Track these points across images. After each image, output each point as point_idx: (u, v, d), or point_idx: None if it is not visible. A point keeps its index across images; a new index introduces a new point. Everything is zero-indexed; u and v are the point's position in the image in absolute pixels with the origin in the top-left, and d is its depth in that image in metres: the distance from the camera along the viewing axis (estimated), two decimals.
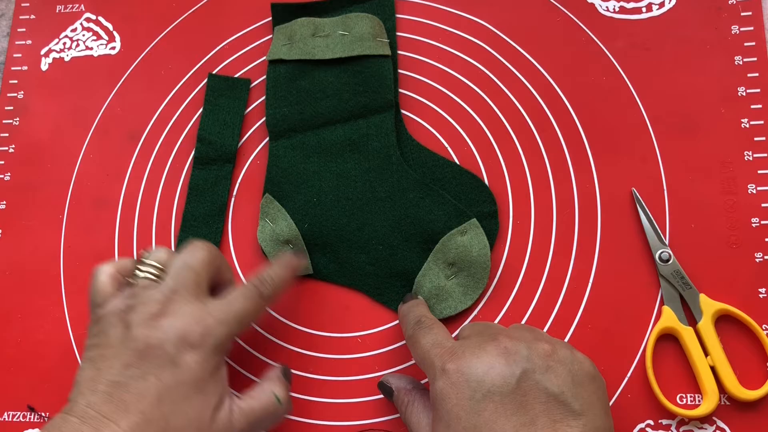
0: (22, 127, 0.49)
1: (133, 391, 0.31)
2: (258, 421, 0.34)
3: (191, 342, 0.33)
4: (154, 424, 0.31)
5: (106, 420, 0.30)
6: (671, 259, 0.39)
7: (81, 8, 0.51)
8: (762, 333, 0.37)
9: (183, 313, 0.33)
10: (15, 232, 0.46)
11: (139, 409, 0.31)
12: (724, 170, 0.41)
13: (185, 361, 0.32)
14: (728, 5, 0.43)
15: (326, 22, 0.45)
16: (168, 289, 0.34)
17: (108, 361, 0.32)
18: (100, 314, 0.34)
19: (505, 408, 0.29)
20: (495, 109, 0.44)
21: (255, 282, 0.36)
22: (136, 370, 0.32)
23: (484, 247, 0.40)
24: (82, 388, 0.32)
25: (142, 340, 0.32)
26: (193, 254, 0.35)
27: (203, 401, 0.32)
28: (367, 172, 0.43)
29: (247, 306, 0.35)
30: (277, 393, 0.35)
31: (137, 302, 0.34)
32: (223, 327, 0.34)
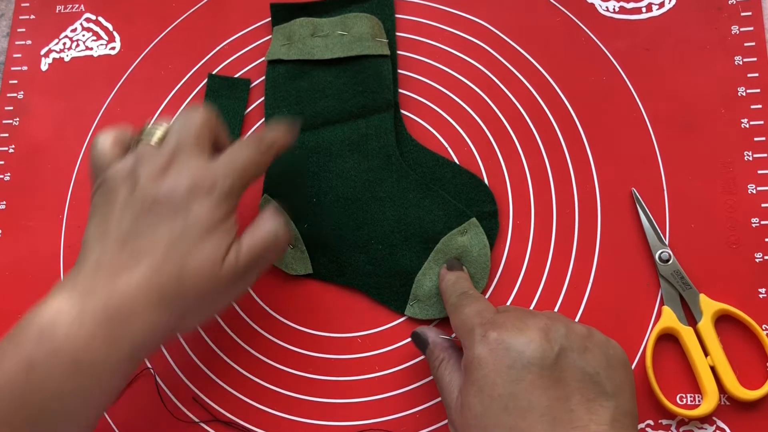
0: (22, 127, 0.49)
1: (145, 239, 0.32)
2: (260, 257, 0.35)
3: (200, 191, 0.33)
4: (168, 268, 0.32)
5: (121, 269, 0.31)
6: (671, 259, 0.39)
7: (81, 8, 0.51)
8: (762, 333, 0.37)
9: (189, 166, 0.34)
10: (15, 232, 0.46)
11: (153, 255, 0.32)
12: (724, 170, 0.41)
13: (195, 208, 0.33)
14: (728, 5, 0.43)
15: (325, 22, 0.45)
16: (172, 147, 0.34)
17: (116, 217, 0.33)
18: (105, 176, 0.34)
19: (543, 381, 0.29)
20: (495, 109, 0.44)
21: (253, 138, 0.37)
22: (146, 221, 0.32)
23: (484, 247, 0.40)
24: (91, 244, 0.33)
25: (151, 194, 0.33)
26: (191, 114, 0.36)
27: (214, 245, 0.33)
28: (366, 172, 0.43)
29: (250, 156, 0.36)
30: (274, 224, 0.36)
31: (143, 160, 0.34)
32: (229, 176, 0.34)
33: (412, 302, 0.41)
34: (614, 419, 0.29)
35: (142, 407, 0.41)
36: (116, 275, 0.31)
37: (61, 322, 0.30)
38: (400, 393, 0.40)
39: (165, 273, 0.32)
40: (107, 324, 0.30)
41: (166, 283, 0.32)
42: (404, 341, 0.41)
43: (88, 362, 0.30)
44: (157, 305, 0.32)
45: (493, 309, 0.34)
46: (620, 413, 0.29)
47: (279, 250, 0.37)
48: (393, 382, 0.40)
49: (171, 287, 0.32)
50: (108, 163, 0.35)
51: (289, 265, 0.42)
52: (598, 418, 0.29)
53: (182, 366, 0.42)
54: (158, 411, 0.41)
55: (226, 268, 0.33)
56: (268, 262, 0.37)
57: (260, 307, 0.42)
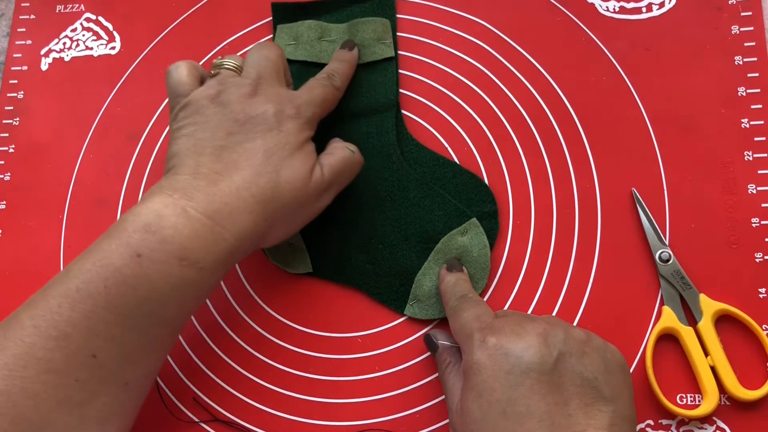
0: (22, 127, 0.49)
1: (242, 151, 0.35)
2: (341, 173, 0.39)
3: (289, 114, 0.36)
4: (265, 176, 0.34)
5: (219, 175, 0.34)
6: (671, 259, 0.39)
7: (81, 8, 0.51)
8: (762, 333, 0.37)
9: (274, 93, 0.37)
10: (15, 232, 0.46)
11: (250, 164, 0.34)
12: (724, 170, 0.41)
13: (286, 126, 0.36)
14: (728, 5, 0.43)
15: (333, 27, 0.46)
16: (254, 75, 0.37)
17: (209, 131, 0.35)
18: (189, 100, 0.37)
19: (541, 386, 0.29)
20: (495, 109, 0.44)
21: (323, 75, 0.41)
22: (240, 136, 0.35)
23: (484, 247, 0.40)
24: (185, 154, 0.35)
25: (242, 113, 0.36)
26: (266, 47, 0.39)
27: (304, 159, 0.36)
28: (367, 171, 0.43)
29: (326, 91, 0.40)
30: (348, 146, 0.40)
31: (227, 86, 0.37)
32: (311, 106, 0.38)
33: (412, 302, 0.41)
34: (612, 423, 0.29)
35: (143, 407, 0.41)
36: (216, 181, 0.34)
37: (166, 218, 0.32)
38: (400, 393, 0.40)
39: (262, 180, 0.34)
40: (209, 222, 0.33)
41: (263, 190, 0.34)
42: (404, 341, 0.41)
43: (191, 256, 0.32)
44: (254, 209, 0.34)
45: (492, 313, 0.34)
46: (618, 417, 0.30)
47: (355, 169, 0.40)
48: (393, 382, 0.40)
49: (267, 193, 0.34)
50: (188, 89, 0.37)
51: (290, 263, 0.42)
52: (596, 423, 0.29)
53: (182, 366, 0.42)
54: (158, 411, 0.41)
55: (313, 181, 0.36)
56: (345, 180, 0.40)
57: (260, 307, 0.42)
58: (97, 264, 0.31)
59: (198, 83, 0.38)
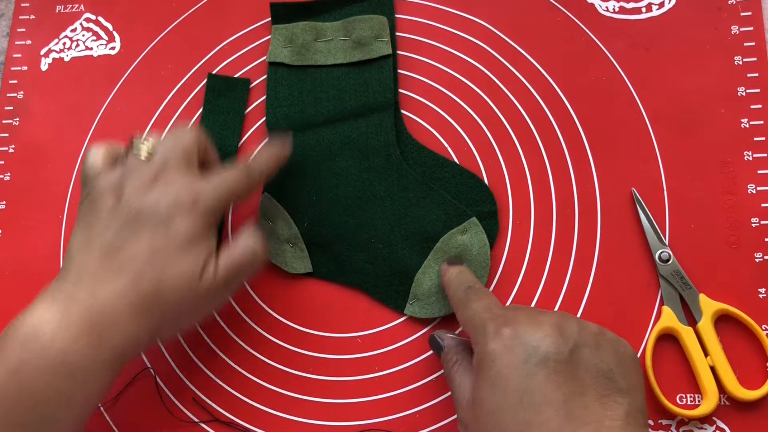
0: (22, 127, 0.49)
1: (127, 251, 0.33)
2: (237, 272, 0.36)
3: (183, 207, 0.34)
4: (147, 281, 0.33)
5: (100, 280, 0.33)
6: (671, 259, 0.39)
7: (81, 8, 0.51)
8: (762, 333, 0.37)
9: (175, 182, 0.35)
10: (15, 232, 0.46)
11: (133, 268, 0.33)
12: (724, 170, 0.41)
13: (176, 223, 0.34)
14: (728, 5, 0.43)
15: (328, 26, 0.45)
16: (159, 162, 0.35)
17: (100, 227, 0.34)
18: (92, 186, 0.36)
19: (558, 376, 0.29)
20: (495, 109, 0.44)
21: (243, 165, 0.38)
22: (129, 233, 0.33)
23: (484, 246, 0.40)
24: (74, 254, 0.34)
25: (134, 206, 0.34)
26: (180, 132, 0.37)
27: (193, 260, 0.34)
28: (366, 171, 0.43)
29: (237, 179, 0.37)
30: (251, 243, 0.37)
31: (130, 174, 0.35)
32: (214, 194, 0.35)
33: (412, 301, 0.41)
34: (628, 415, 0.29)
35: (142, 407, 0.41)
36: (98, 285, 0.32)
37: (46, 327, 0.31)
38: (400, 393, 0.40)
39: (144, 284, 0.33)
40: (90, 330, 0.32)
41: (145, 294, 0.33)
42: (404, 341, 0.41)
43: (72, 365, 0.31)
44: (137, 314, 0.33)
45: (500, 304, 0.34)
46: (634, 409, 0.29)
47: (256, 267, 0.38)
48: (393, 382, 0.40)
49: (149, 298, 0.33)
50: (96, 174, 0.36)
51: (289, 263, 0.42)
52: (612, 414, 0.29)
53: (182, 366, 0.42)
54: (158, 411, 0.41)
55: (204, 281, 0.34)
56: (245, 278, 0.38)
57: (260, 307, 0.42)
58: None
59: (112, 167, 0.37)
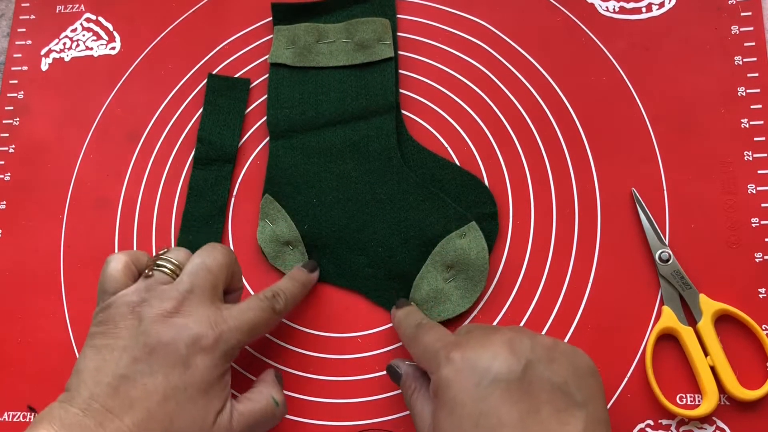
0: (22, 127, 0.49)
1: (140, 387, 0.31)
2: (256, 424, 0.34)
3: (204, 345, 0.32)
4: (158, 423, 0.31)
5: (111, 415, 0.30)
6: (671, 259, 0.39)
7: (81, 8, 0.51)
8: (762, 333, 0.37)
9: (198, 314, 0.33)
10: (15, 232, 0.46)
11: (145, 407, 0.31)
12: (724, 170, 0.41)
13: (195, 363, 0.32)
14: (728, 5, 0.43)
15: (330, 28, 0.45)
16: (184, 288, 0.33)
17: (115, 352, 0.32)
18: (111, 302, 0.33)
19: (511, 395, 0.29)
20: (495, 109, 0.44)
21: (268, 294, 0.36)
22: (145, 366, 0.31)
23: (483, 250, 0.40)
24: (85, 377, 0.31)
25: (154, 336, 0.32)
26: (212, 255, 0.35)
27: (208, 404, 0.32)
28: (367, 174, 0.43)
29: (261, 317, 0.35)
30: (275, 396, 0.36)
31: (151, 296, 0.33)
32: (236, 334, 0.33)
33: None
34: (586, 428, 0.29)
35: None
36: (105, 422, 0.30)
37: None
38: (400, 393, 0.39)
39: (153, 426, 0.31)
40: None
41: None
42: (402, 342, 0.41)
43: None
44: None
45: (451, 334, 0.34)
46: (592, 421, 0.29)
47: (273, 423, 0.36)
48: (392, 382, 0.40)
49: None
50: (116, 288, 0.34)
51: (289, 265, 0.42)
52: (570, 428, 0.29)
53: None
54: None
55: (217, 429, 0.32)
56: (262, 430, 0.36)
57: None
58: None
59: (131, 281, 0.35)
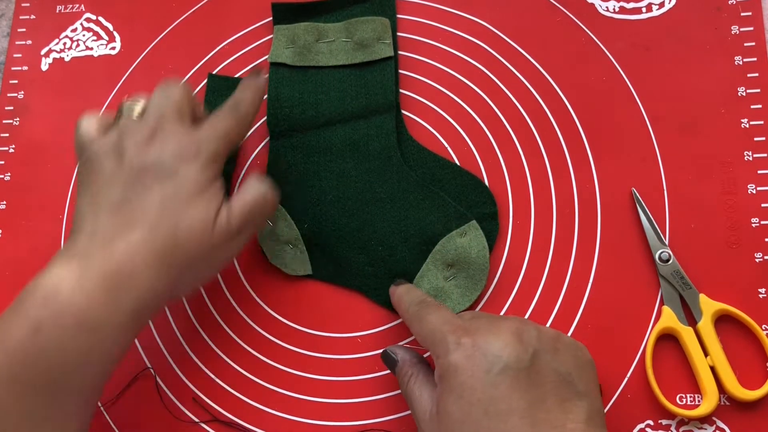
0: (22, 127, 0.49)
1: (138, 205, 0.33)
2: (251, 216, 0.36)
3: (187, 156, 0.34)
4: (162, 231, 0.33)
5: (115, 235, 0.33)
6: (671, 259, 0.39)
7: (81, 8, 0.51)
8: (762, 333, 0.37)
9: (173, 134, 0.35)
10: (15, 232, 0.46)
11: (147, 219, 0.33)
12: (724, 170, 0.41)
13: (183, 171, 0.34)
14: (728, 5, 0.43)
15: (330, 28, 0.45)
16: (154, 118, 0.35)
17: (106, 187, 0.34)
18: (90, 152, 0.35)
19: (520, 384, 0.30)
20: (495, 109, 0.44)
21: (229, 105, 0.38)
22: (137, 188, 0.33)
23: (483, 248, 0.40)
24: (83, 215, 0.34)
25: (138, 162, 0.34)
26: (170, 88, 0.37)
27: (205, 206, 0.34)
28: (367, 173, 0.43)
29: (229, 123, 0.37)
30: (259, 184, 0.37)
31: (126, 134, 0.35)
32: (213, 141, 0.35)
33: None
34: (589, 417, 0.30)
35: (142, 407, 0.41)
36: (112, 240, 0.32)
37: (63, 287, 0.31)
38: (399, 393, 0.39)
39: (160, 234, 0.33)
40: (107, 286, 0.32)
41: (162, 244, 0.33)
42: (404, 341, 0.41)
43: (91, 322, 0.31)
44: (154, 266, 0.33)
45: (456, 316, 0.34)
46: (593, 411, 0.30)
47: (267, 211, 0.38)
48: (393, 382, 0.40)
49: (166, 248, 0.33)
50: (92, 141, 0.36)
51: (289, 265, 0.42)
52: (574, 417, 0.29)
53: (182, 366, 0.42)
54: (158, 411, 0.41)
55: (218, 228, 0.34)
56: (257, 223, 0.38)
57: (260, 307, 0.42)
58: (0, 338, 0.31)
59: (103, 134, 0.37)
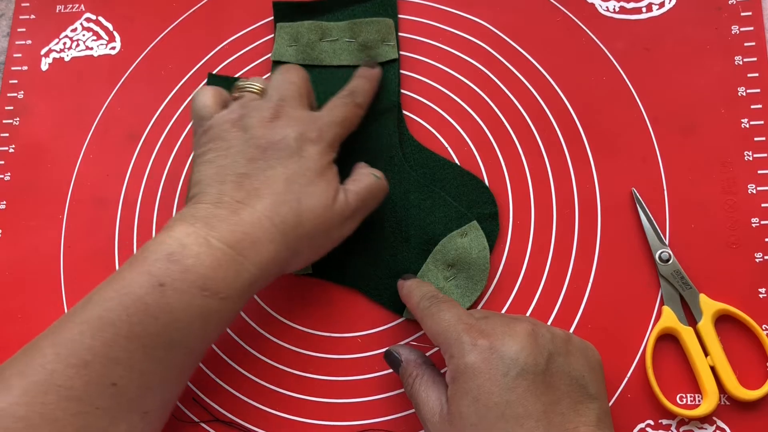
0: (22, 127, 0.49)
1: (263, 179, 0.34)
2: (366, 199, 0.38)
3: (310, 137, 0.36)
4: (287, 204, 0.34)
5: (241, 204, 0.34)
6: (671, 259, 0.39)
7: (81, 8, 0.51)
8: (762, 333, 0.37)
9: (295, 116, 0.37)
10: (15, 232, 0.46)
11: (270, 192, 0.34)
12: (724, 170, 0.41)
13: (307, 151, 0.36)
14: (728, 5, 0.43)
15: (333, 26, 0.45)
16: (277, 98, 0.37)
17: (230, 158, 0.35)
18: (211, 123, 0.37)
19: (536, 387, 0.30)
20: (495, 109, 0.44)
21: (346, 93, 0.40)
22: (261, 162, 0.35)
23: (484, 249, 0.40)
24: (208, 181, 0.35)
25: (263, 138, 0.35)
26: (290, 71, 0.39)
27: (326, 185, 0.36)
28: None
29: (348, 110, 0.39)
30: (373, 172, 0.39)
31: (249, 110, 0.37)
32: (333, 127, 0.37)
33: None
34: (599, 419, 0.30)
35: None
36: (238, 210, 0.33)
37: (189, 247, 0.32)
38: (400, 393, 0.39)
39: (284, 208, 0.34)
40: (232, 251, 0.32)
41: (285, 218, 0.34)
42: (404, 341, 0.41)
43: (214, 284, 0.32)
44: (276, 238, 0.34)
45: (470, 314, 0.34)
46: (603, 413, 0.31)
47: (380, 195, 0.40)
48: (393, 382, 0.40)
49: (289, 222, 0.34)
50: (211, 112, 0.37)
51: None
52: (586, 419, 0.30)
53: None
54: None
55: (337, 208, 0.36)
56: (371, 206, 0.39)
57: (260, 307, 0.42)
58: (120, 292, 0.31)
59: (221, 108, 0.38)
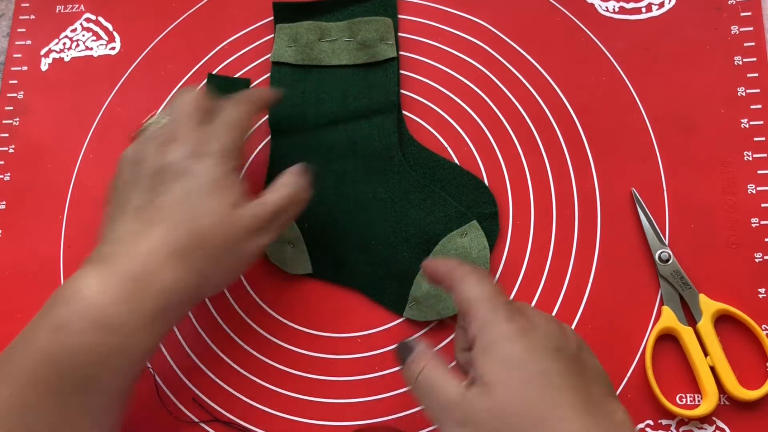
0: (22, 127, 0.49)
1: (158, 206, 0.34)
2: (285, 208, 0.37)
3: (201, 152, 0.35)
4: (183, 226, 0.34)
5: (138, 235, 0.33)
6: (671, 259, 0.39)
7: (81, 8, 0.51)
8: (761, 333, 0.37)
9: (187, 136, 0.36)
10: (15, 232, 0.46)
11: (166, 218, 0.34)
12: (724, 170, 0.41)
13: (196, 168, 0.35)
14: (728, 5, 0.43)
15: (332, 26, 0.45)
16: (169, 125, 0.36)
17: (128, 192, 0.35)
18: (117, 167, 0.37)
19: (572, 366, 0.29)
20: (495, 109, 0.44)
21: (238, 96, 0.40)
22: (156, 191, 0.34)
23: (484, 248, 0.40)
24: (109, 222, 0.36)
25: (153, 166, 0.35)
26: (182, 92, 0.38)
27: (221, 198, 0.34)
28: (368, 173, 0.43)
29: (239, 112, 0.38)
30: (295, 181, 0.38)
31: (144, 143, 0.36)
32: (225, 135, 0.36)
33: (411, 304, 0.40)
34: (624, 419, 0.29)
35: (142, 407, 0.41)
36: (135, 241, 0.33)
37: (87, 288, 0.32)
38: (400, 393, 0.40)
39: (180, 230, 0.33)
40: (129, 285, 0.32)
41: (183, 240, 0.33)
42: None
43: (112, 322, 0.31)
44: (176, 262, 0.33)
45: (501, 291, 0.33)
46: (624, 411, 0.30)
47: (298, 207, 0.38)
48: (393, 382, 0.40)
49: (188, 243, 0.33)
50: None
51: (289, 264, 0.42)
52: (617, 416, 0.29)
53: (182, 366, 0.42)
54: (158, 411, 0.41)
55: (240, 220, 0.35)
56: (288, 218, 0.38)
57: (260, 307, 0.42)
58: (24, 341, 0.32)
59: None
